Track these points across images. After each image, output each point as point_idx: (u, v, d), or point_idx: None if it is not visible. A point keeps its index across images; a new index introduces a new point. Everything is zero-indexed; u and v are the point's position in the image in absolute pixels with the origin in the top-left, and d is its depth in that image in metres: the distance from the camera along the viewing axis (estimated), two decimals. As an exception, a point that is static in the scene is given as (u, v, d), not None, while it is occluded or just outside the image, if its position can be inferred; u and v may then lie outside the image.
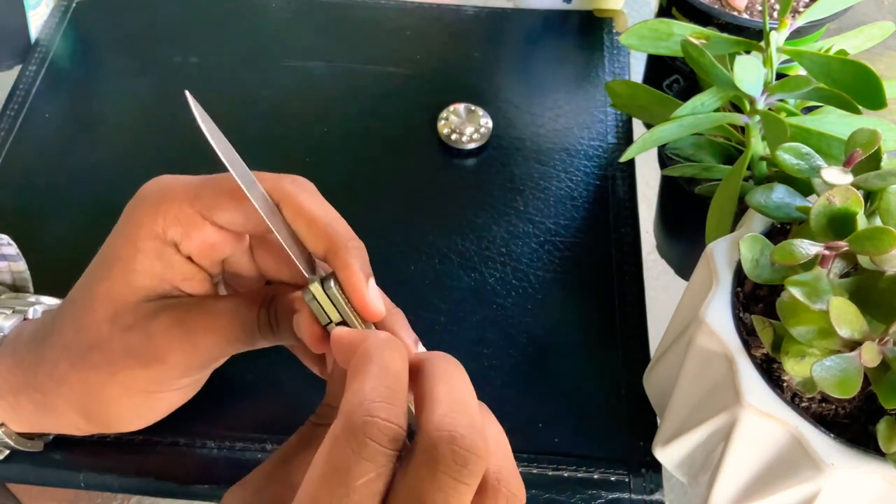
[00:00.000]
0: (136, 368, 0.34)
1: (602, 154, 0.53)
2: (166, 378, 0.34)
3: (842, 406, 0.33)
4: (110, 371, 0.34)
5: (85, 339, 0.34)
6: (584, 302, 0.46)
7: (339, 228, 0.33)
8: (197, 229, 0.33)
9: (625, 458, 0.41)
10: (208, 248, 0.34)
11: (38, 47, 0.57)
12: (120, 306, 0.34)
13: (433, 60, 0.58)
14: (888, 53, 0.60)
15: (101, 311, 0.34)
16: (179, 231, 0.33)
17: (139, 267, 0.33)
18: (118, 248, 0.34)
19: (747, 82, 0.39)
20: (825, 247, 0.31)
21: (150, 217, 0.33)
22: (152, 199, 0.33)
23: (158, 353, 0.33)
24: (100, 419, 0.36)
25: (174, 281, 0.34)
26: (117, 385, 0.34)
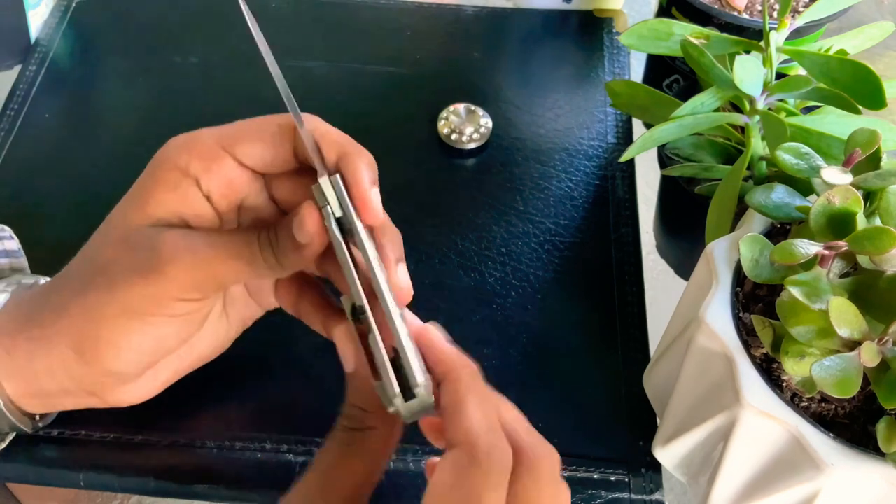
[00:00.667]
0: (136, 283, 0.34)
1: (602, 154, 0.53)
2: (164, 296, 0.34)
3: (841, 406, 0.33)
4: (110, 288, 0.34)
5: (92, 266, 0.35)
6: (584, 302, 0.46)
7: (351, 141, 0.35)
8: (218, 164, 0.35)
9: (625, 458, 0.41)
10: (227, 184, 0.35)
11: (38, 47, 0.57)
12: (131, 230, 0.35)
13: (433, 60, 0.58)
14: (888, 53, 0.60)
15: (113, 235, 0.35)
16: (202, 165, 0.34)
17: (156, 195, 0.35)
18: (140, 182, 0.36)
19: (747, 82, 0.39)
20: (825, 247, 0.31)
21: (176, 151, 0.35)
22: (181, 139, 0.35)
23: (160, 264, 0.33)
24: (91, 349, 0.35)
25: (186, 215, 0.35)
26: (115, 303, 0.34)
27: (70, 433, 0.41)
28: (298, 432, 0.41)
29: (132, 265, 0.34)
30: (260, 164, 0.35)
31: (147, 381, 0.37)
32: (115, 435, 0.41)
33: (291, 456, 0.41)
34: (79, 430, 0.41)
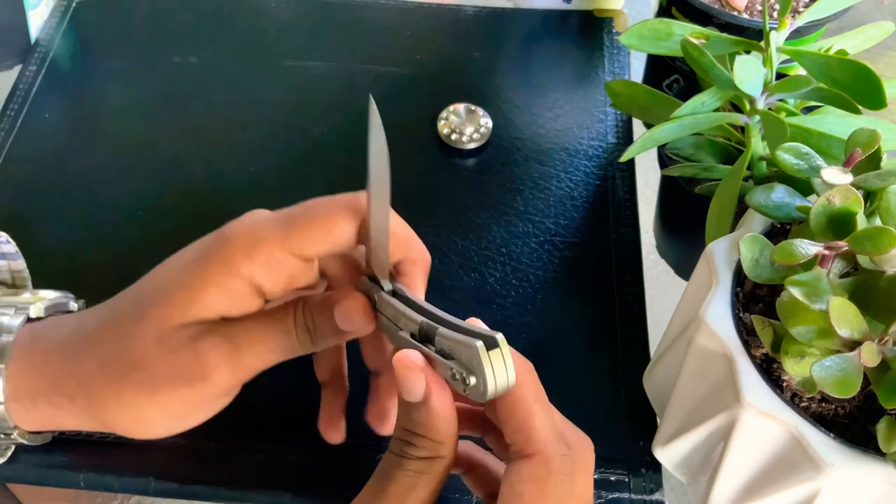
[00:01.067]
0: (180, 388, 0.34)
1: (602, 154, 0.53)
2: (208, 396, 0.35)
3: (841, 406, 0.33)
4: (151, 390, 0.34)
5: (127, 358, 0.34)
6: (584, 302, 0.46)
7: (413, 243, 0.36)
8: (284, 267, 0.34)
9: (625, 458, 0.41)
10: (287, 279, 0.34)
11: (38, 47, 0.57)
12: (168, 330, 0.33)
13: (433, 60, 0.58)
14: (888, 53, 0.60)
15: (149, 333, 0.34)
16: (264, 271, 0.33)
17: (206, 299, 0.33)
18: (187, 276, 0.34)
19: (747, 82, 0.39)
20: (825, 247, 0.31)
21: (239, 258, 0.33)
22: (244, 240, 0.33)
23: (206, 370, 0.33)
24: (122, 429, 0.35)
25: (231, 312, 0.34)
26: (155, 404, 0.34)
27: (70, 433, 0.41)
28: (298, 432, 0.41)
29: (174, 370, 0.33)
30: (323, 254, 0.35)
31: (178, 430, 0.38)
32: (115, 435, 0.41)
33: (291, 456, 0.41)
34: (79, 431, 0.41)
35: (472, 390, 0.31)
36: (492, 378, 0.30)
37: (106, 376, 0.34)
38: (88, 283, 0.43)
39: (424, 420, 0.31)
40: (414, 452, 0.32)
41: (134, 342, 0.34)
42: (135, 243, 0.48)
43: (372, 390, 0.40)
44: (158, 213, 0.49)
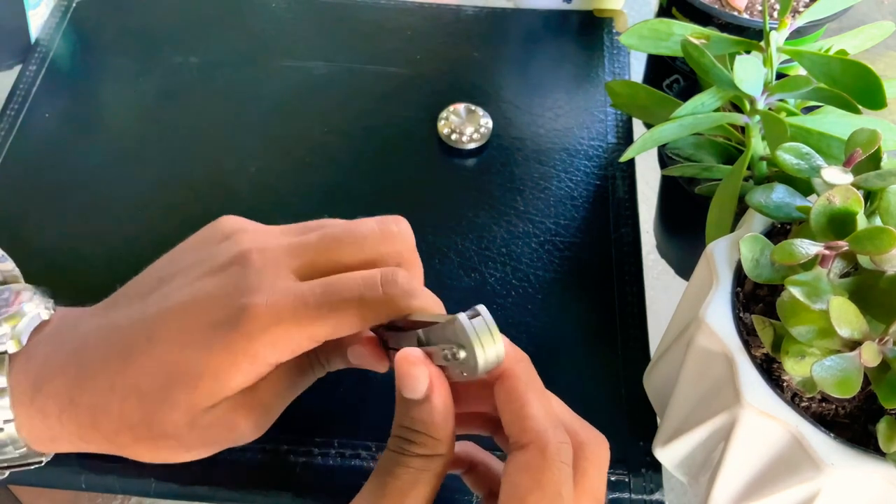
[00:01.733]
0: (214, 448, 0.35)
1: (602, 154, 0.53)
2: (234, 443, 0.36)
3: (842, 406, 0.33)
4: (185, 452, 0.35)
5: (157, 431, 0.34)
6: (584, 302, 0.46)
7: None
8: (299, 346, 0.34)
9: (625, 458, 0.41)
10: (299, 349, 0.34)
11: (39, 47, 0.57)
12: (198, 412, 0.33)
13: (433, 60, 0.58)
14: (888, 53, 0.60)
15: (178, 417, 0.33)
16: (283, 353, 0.33)
17: (231, 382, 0.33)
18: (213, 356, 0.33)
19: (747, 82, 0.39)
20: (825, 247, 0.31)
21: (265, 350, 0.33)
22: (264, 320, 0.32)
23: (237, 434, 0.35)
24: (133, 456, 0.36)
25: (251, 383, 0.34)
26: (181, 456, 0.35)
27: (70, 433, 0.41)
28: (298, 432, 0.41)
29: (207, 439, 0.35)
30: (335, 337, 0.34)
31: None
32: (115, 435, 0.41)
33: (291, 456, 0.41)
34: (79, 431, 0.41)
35: (465, 366, 0.31)
36: (479, 346, 0.30)
37: (134, 437, 0.34)
38: (88, 283, 0.44)
39: (426, 417, 0.31)
40: (414, 450, 0.31)
41: (162, 421, 0.33)
42: (135, 243, 0.48)
43: None
44: (158, 212, 0.49)
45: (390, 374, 0.43)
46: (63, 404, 0.34)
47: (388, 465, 0.32)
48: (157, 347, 0.33)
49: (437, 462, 0.32)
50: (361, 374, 0.40)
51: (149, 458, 0.35)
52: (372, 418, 0.42)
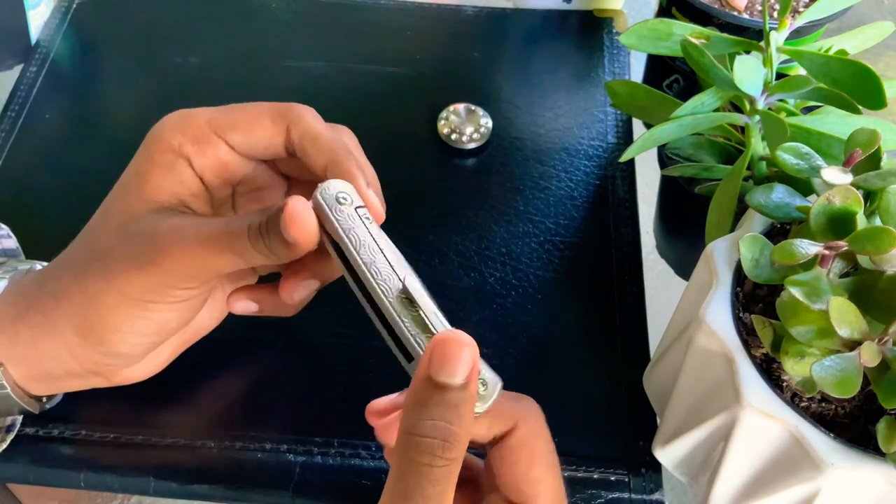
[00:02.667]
0: (134, 274, 0.34)
1: (602, 154, 0.53)
2: (161, 286, 0.34)
3: (841, 406, 0.33)
4: (109, 276, 0.34)
5: (91, 252, 0.35)
6: (584, 302, 0.46)
7: (340, 143, 0.36)
8: (211, 146, 0.35)
9: (625, 458, 0.41)
10: (220, 166, 0.36)
11: (39, 48, 0.57)
12: (128, 217, 0.35)
13: (433, 60, 0.58)
14: (888, 53, 0.60)
15: (111, 224, 0.35)
16: (194, 148, 0.35)
17: (152, 178, 0.35)
18: (136, 164, 0.36)
19: (747, 82, 0.39)
20: (825, 247, 0.31)
21: (169, 133, 0.35)
22: (173, 118, 0.36)
23: (155, 257, 0.34)
24: (95, 334, 0.35)
25: (182, 195, 0.36)
26: (114, 291, 0.34)
27: (70, 433, 0.41)
28: (298, 432, 0.41)
29: (129, 254, 0.34)
30: (251, 152, 0.36)
31: (150, 360, 0.38)
32: (115, 435, 0.41)
33: (291, 456, 0.41)
34: (79, 430, 0.41)
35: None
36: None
37: (72, 275, 0.35)
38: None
39: (463, 410, 0.28)
40: (449, 455, 0.28)
41: (98, 236, 0.36)
42: (135, 243, 0.48)
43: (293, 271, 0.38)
44: (158, 213, 0.49)
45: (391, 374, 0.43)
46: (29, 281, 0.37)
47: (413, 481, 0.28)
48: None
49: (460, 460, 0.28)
50: (362, 374, 0.40)
51: (82, 307, 0.35)
52: (372, 418, 0.42)
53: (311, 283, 0.37)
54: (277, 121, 0.36)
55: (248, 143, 0.36)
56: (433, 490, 0.28)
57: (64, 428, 0.41)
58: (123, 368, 0.37)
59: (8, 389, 0.37)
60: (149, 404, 0.42)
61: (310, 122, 0.36)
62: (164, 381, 0.40)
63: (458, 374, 0.28)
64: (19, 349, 0.36)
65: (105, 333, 0.35)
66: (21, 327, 0.36)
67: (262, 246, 0.33)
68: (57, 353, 0.36)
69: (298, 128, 0.36)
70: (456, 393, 0.28)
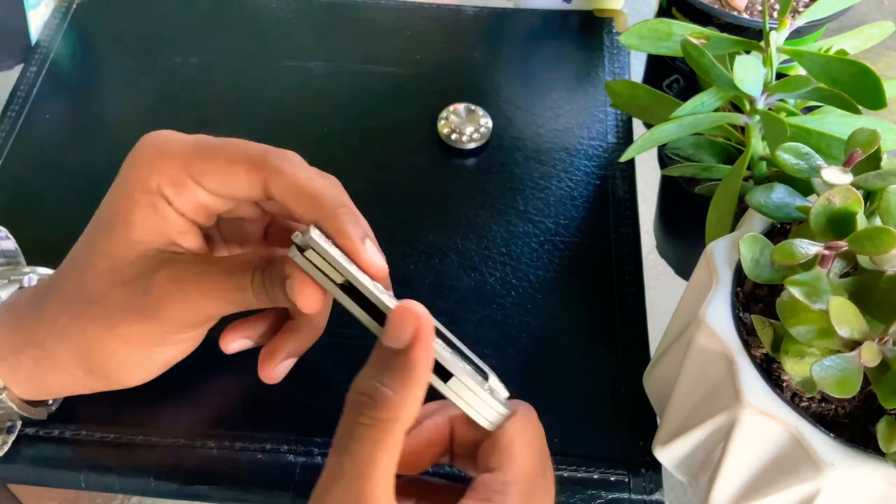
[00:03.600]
0: (134, 323, 0.34)
1: (602, 154, 0.53)
2: (163, 333, 0.35)
3: (841, 406, 0.33)
4: (109, 324, 0.34)
5: (85, 294, 0.35)
6: (584, 302, 0.46)
7: (327, 197, 0.33)
8: (188, 190, 0.34)
9: (625, 458, 0.41)
10: (200, 207, 0.35)
11: (39, 48, 0.57)
12: (119, 261, 0.34)
13: (433, 60, 0.58)
14: (888, 53, 0.60)
15: (101, 266, 0.35)
16: (172, 190, 0.34)
17: (136, 220, 0.34)
18: (116, 202, 0.35)
19: (747, 82, 0.39)
20: (825, 247, 0.31)
21: (146, 172, 0.34)
22: (148, 154, 0.34)
23: (154, 309, 0.34)
24: (100, 371, 0.36)
25: (170, 234, 0.35)
26: (116, 338, 0.35)
27: (70, 433, 0.41)
28: (298, 432, 0.41)
29: (127, 303, 0.34)
30: (229, 197, 0.35)
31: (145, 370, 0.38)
32: (115, 435, 0.41)
33: (291, 456, 0.41)
34: (79, 430, 0.41)
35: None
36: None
37: (68, 316, 0.35)
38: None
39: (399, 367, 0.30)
40: (375, 413, 0.29)
41: (89, 278, 0.35)
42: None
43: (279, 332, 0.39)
44: (158, 213, 0.49)
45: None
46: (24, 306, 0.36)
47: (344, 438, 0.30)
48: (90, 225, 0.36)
49: (395, 429, 0.30)
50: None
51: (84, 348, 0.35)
52: (372, 418, 0.42)
53: (288, 363, 0.38)
54: (252, 173, 0.34)
55: (224, 191, 0.34)
56: (357, 446, 0.29)
57: (64, 428, 0.41)
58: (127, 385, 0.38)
59: (14, 407, 0.37)
60: (149, 404, 0.42)
61: (289, 176, 0.33)
62: (164, 381, 0.40)
63: (401, 339, 0.30)
64: (21, 374, 0.36)
65: (110, 370, 0.36)
66: (22, 357, 0.36)
67: (264, 296, 0.34)
68: (62, 381, 0.37)
69: (277, 183, 0.33)
70: (397, 357, 0.30)
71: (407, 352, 0.30)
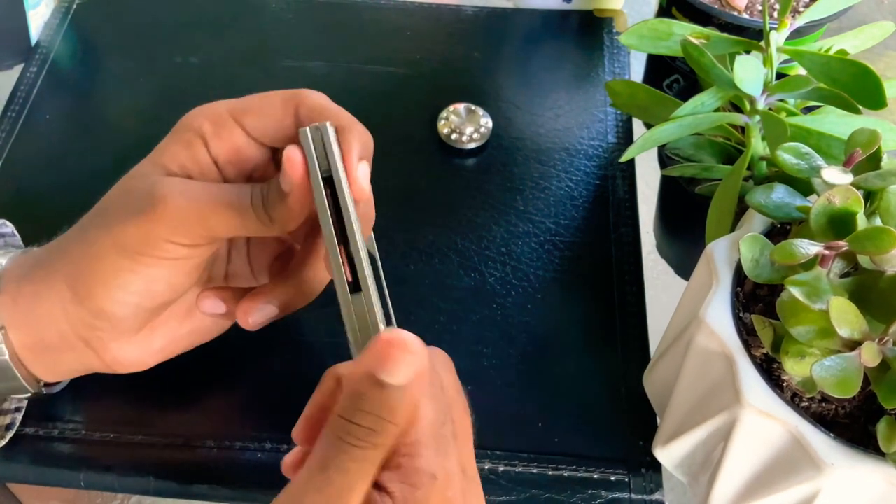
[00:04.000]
0: (129, 222, 0.35)
1: (602, 154, 0.53)
2: (154, 236, 0.34)
3: (842, 406, 0.33)
4: (105, 226, 0.35)
5: (97, 210, 0.37)
6: (584, 302, 0.46)
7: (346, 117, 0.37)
8: (228, 130, 0.37)
9: (625, 458, 0.41)
10: (234, 151, 0.37)
11: (39, 48, 0.57)
12: (136, 176, 0.37)
13: (433, 60, 0.58)
14: (888, 53, 0.60)
15: (121, 184, 0.37)
16: (212, 130, 0.37)
17: (169, 149, 0.37)
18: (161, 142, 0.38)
19: (747, 82, 0.39)
20: (825, 247, 0.31)
21: (192, 116, 0.38)
22: (200, 107, 0.38)
23: (152, 203, 0.34)
24: (84, 287, 0.35)
25: (192, 172, 0.37)
26: (108, 240, 0.35)
27: (70, 433, 0.41)
28: (298, 432, 0.41)
29: (128, 205, 0.35)
30: (264, 136, 0.37)
31: (142, 342, 0.38)
32: (114, 435, 0.41)
33: (291, 456, 0.41)
34: (79, 430, 0.41)
35: None
36: None
37: (77, 229, 0.37)
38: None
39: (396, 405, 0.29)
40: (372, 439, 0.29)
41: (106, 197, 0.37)
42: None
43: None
44: (158, 213, 0.49)
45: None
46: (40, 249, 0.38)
47: (333, 454, 0.30)
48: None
49: (385, 450, 0.30)
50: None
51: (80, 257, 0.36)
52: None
53: (268, 308, 0.38)
54: (288, 102, 0.37)
55: (261, 125, 0.37)
56: (353, 465, 0.29)
57: (64, 428, 0.41)
58: (113, 340, 0.37)
59: (6, 356, 0.36)
60: (149, 404, 0.42)
61: (316, 99, 0.37)
62: (164, 381, 0.40)
63: (398, 377, 0.30)
64: (20, 307, 0.36)
65: (92, 285, 0.35)
66: (24, 284, 0.36)
67: (263, 213, 0.35)
68: (52, 311, 0.36)
69: (306, 104, 0.37)
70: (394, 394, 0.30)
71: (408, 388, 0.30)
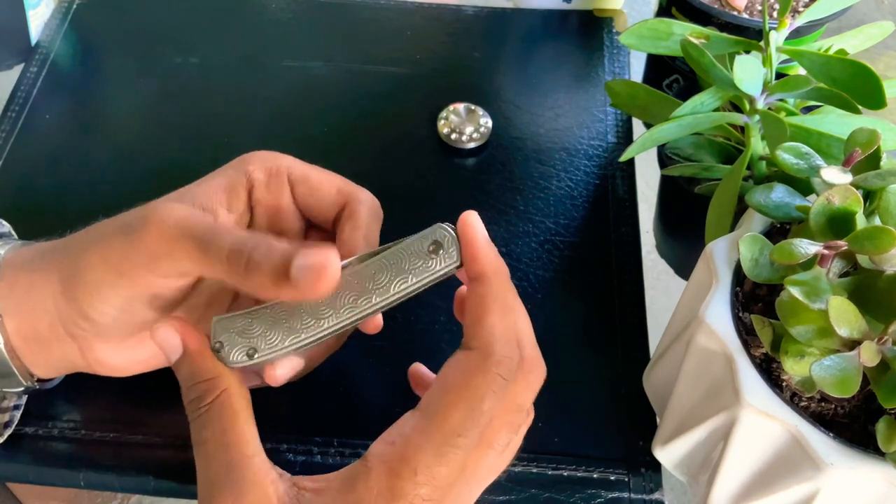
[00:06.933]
0: (115, 238, 0.35)
1: (602, 154, 0.53)
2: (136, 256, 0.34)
3: (841, 406, 0.33)
4: (103, 235, 0.36)
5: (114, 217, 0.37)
6: (584, 302, 0.46)
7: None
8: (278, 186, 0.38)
9: (624, 458, 0.41)
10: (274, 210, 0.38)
11: (39, 49, 0.57)
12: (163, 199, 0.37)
13: (433, 60, 0.58)
14: (888, 53, 0.60)
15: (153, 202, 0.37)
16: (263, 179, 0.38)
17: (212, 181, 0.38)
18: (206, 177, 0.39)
19: (747, 82, 0.39)
20: (824, 246, 0.31)
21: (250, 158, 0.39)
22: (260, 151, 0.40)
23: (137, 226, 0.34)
24: (72, 287, 0.35)
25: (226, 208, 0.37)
26: (99, 249, 0.35)
27: (70, 433, 0.41)
28: (298, 432, 0.41)
29: (122, 220, 0.36)
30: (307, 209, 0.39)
31: (128, 350, 0.37)
32: (114, 435, 0.41)
33: (291, 456, 0.41)
34: (79, 430, 0.41)
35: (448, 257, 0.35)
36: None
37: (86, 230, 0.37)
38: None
39: (195, 365, 0.34)
40: (205, 402, 0.34)
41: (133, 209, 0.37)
42: (135, 243, 0.48)
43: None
44: (158, 213, 0.49)
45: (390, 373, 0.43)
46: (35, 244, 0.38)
47: (196, 436, 0.34)
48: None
49: (225, 400, 0.34)
50: (361, 374, 0.40)
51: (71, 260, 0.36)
52: (372, 418, 0.42)
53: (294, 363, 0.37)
54: (343, 193, 0.38)
55: (311, 199, 0.38)
56: (215, 425, 0.35)
57: (64, 427, 0.41)
58: (97, 343, 0.37)
59: (1, 344, 0.36)
60: (149, 404, 0.42)
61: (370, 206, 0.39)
62: (164, 381, 0.40)
63: (176, 351, 0.35)
64: (15, 296, 0.36)
65: (77, 290, 0.35)
66: (22, 273, 0.37)
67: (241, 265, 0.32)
68: (44, 301, 0.36)
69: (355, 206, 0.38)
70: (183, 361, 0.35)
71: (186, 351, 0.35)
